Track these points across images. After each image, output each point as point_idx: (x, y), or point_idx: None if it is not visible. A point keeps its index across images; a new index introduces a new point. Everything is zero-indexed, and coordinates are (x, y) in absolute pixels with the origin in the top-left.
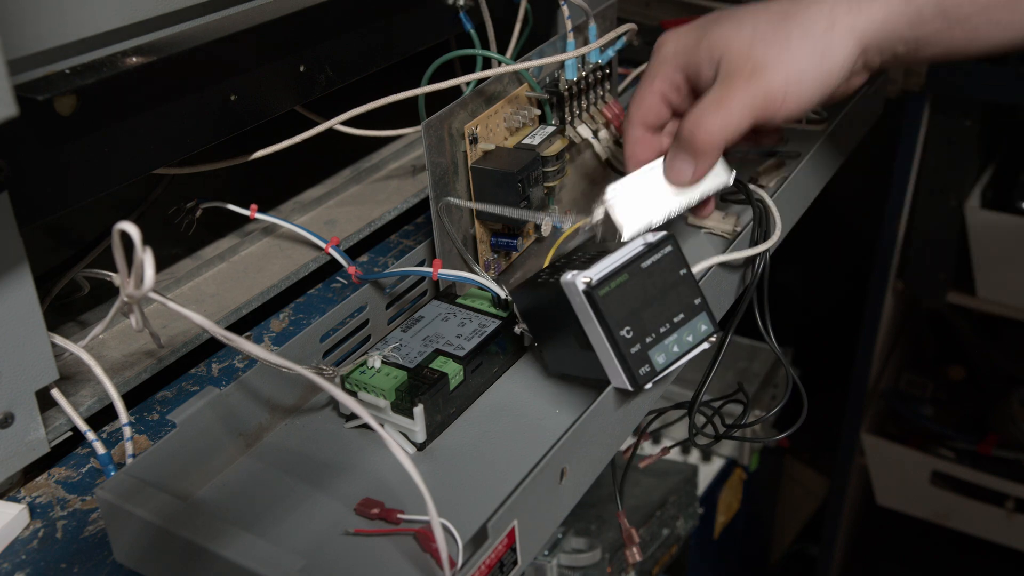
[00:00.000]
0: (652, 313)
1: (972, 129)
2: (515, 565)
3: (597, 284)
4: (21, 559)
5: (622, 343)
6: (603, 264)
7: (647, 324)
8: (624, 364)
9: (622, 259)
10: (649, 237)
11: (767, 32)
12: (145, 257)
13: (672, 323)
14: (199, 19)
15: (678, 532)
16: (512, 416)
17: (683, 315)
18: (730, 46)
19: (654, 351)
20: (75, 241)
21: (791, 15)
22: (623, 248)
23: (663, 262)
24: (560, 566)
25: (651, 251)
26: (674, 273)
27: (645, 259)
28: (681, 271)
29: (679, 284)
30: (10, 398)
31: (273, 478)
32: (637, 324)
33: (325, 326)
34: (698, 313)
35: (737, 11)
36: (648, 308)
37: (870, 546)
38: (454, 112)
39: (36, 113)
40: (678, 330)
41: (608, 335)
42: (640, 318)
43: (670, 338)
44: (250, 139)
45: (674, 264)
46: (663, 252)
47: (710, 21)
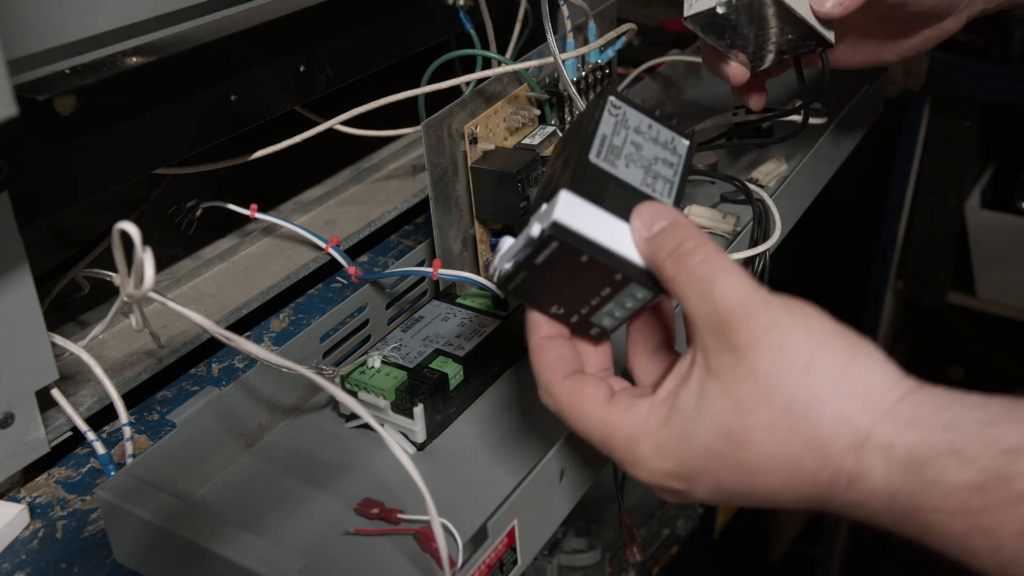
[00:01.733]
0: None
1: (972, 129)
2: (515, 565)
3: (502, 282)
4: (21, 559)
5: (559, 318)
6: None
7: (573, 302)
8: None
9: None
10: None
11: None
12: (145, 257)
13: (600, 297)
14: (199, 19)
15: (678, 532)
16: (512, 416)
17: (609, 289)
18: None
19: (596, 318)
20: (75, 241)
21: None
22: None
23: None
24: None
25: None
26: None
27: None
28: (582, 258)
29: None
30: (10, 398)
31: (273, 478)
32: (563, 303)
33: (325, 326)
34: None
35: None
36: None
37: (870, 546)
38: (454, 112)
39: (36, 113)
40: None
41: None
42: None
43: (606, 307)
44: (250, 139)
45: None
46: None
47: None
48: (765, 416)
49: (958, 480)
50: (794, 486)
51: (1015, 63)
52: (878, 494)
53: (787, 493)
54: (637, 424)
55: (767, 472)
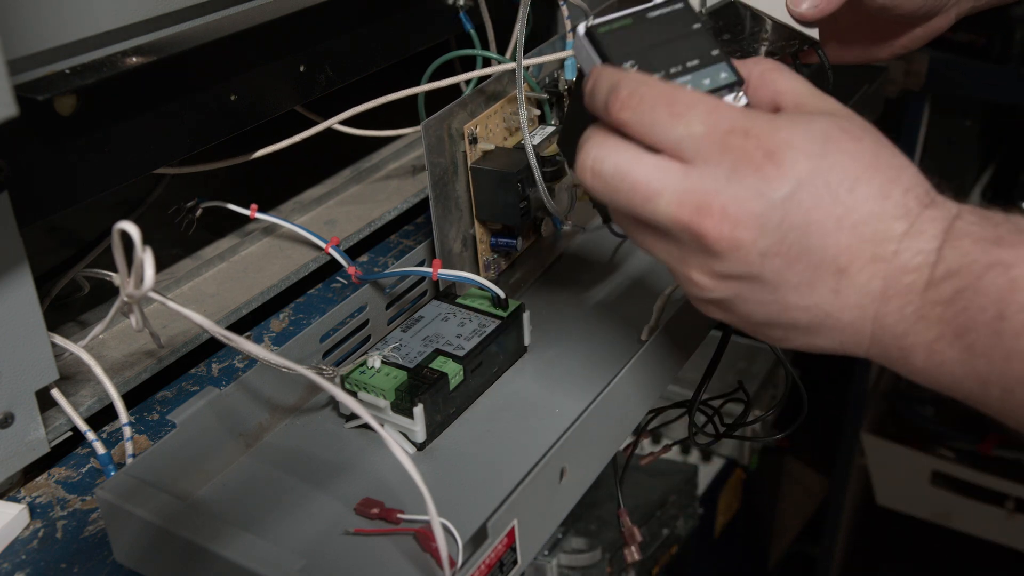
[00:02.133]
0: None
1: (972, 129)
2: (515, 565)
3: (597, 24)
4: (21, 559)
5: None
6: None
7: (654, 63)
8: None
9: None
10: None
11: None
12: (145, 257)
13: (685, 66)
14: (199, 19)
15: (678, 532)
16: (512, 416)
17: (698, 61)
18: None
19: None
20: (75, 241)
21: None
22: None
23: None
24: (560, 566)
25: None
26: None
27: (653, 11)
28: (694, 25)
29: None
30: (10, 398)
31: (273, 478)
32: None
33: (325, 326)
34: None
35: None
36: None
37: (870, 546)
38: (453, 112)
39: (36, 113)
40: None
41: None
42: (647, 56)
43: (683, 78)
44: (250, 139)
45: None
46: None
47: None
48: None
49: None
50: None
51: (1015, 63)
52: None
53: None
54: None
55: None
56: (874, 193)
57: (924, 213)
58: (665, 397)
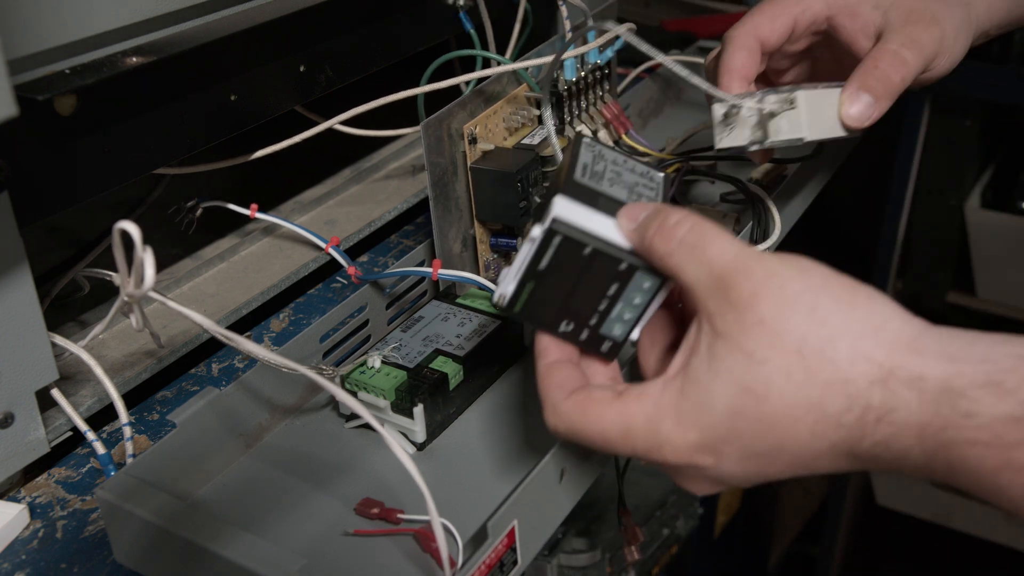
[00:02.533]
0: (581, 299)
1: (972, 129)
2: (515, 565)
3: (508, 304)
4: (21, 559)
5: (568, 337)
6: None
7: (582, 311)
8: (587, 351)
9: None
10: (535, 232)
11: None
12: (145, 257)
13: (608, 297)
14: (199, 19)
15: (678, 532)
16: (512, 416)
17: (617, 284)
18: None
19: (605, 328)
20: (75, 241)
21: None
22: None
23: (560, 253)
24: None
25: (543, 249)
26: (578, 257)
27: (540, 259)
28: (584, 251)
29: (591, 262)
30: (10, 398)
31: (273, 478)
32: (572, 315)
33: (325, 326)
34: (631, 276)
35: None
36: (574, 297)
37: (870, 546)
38: (453, 112)
39: (36, 113)
40: (619, 300)
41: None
42: (571, 309)
43: (615, 310)
44: (250, 139)
45: (573, 250)
46: (554, 245)
47: None
48: (779, 362)
49: (995, 412)
50: (821, 433)
51: (1015, 63)
52: (909, 427)
53: (815, 443)
54: (653, 404)
55: (792, 421)
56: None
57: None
58: None
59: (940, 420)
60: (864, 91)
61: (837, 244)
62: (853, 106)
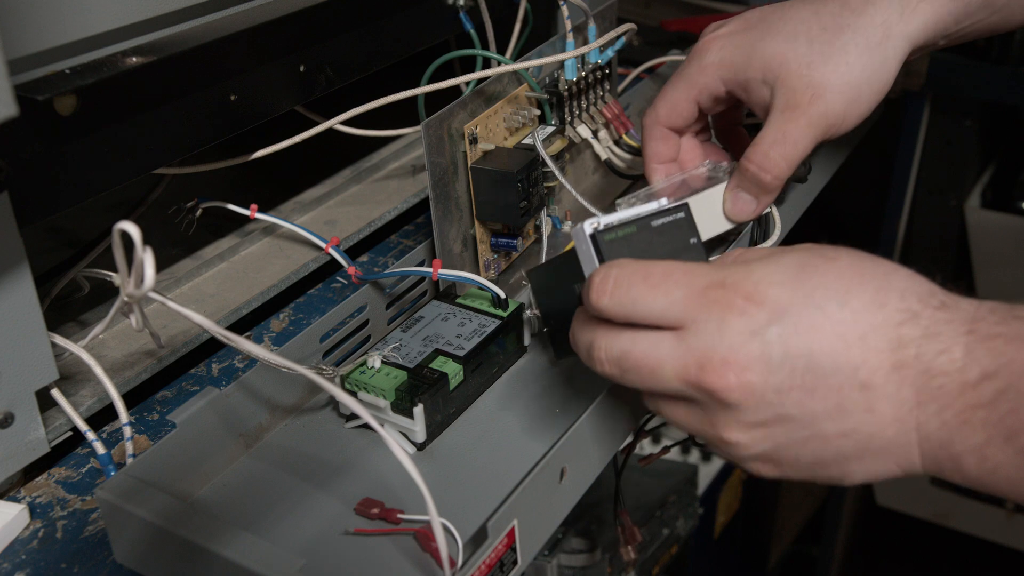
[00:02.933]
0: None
1: (972, 129)
2: (515, 565)
3: (604, 229)
4: (21, 559)
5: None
6: (615, 215)
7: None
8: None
9: (635, 214)
10: (664, 202)
11: (823, 48)
12: (145, 257)
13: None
14: (199, 19)
15: (678, 532)
16: (512, 416)
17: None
18: (787, 67)
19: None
20: (75, 241)
21: (845, 27)
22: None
23: (674, 226)
24: (560, 566)
25: (664, 213)
26: (683, 239)
27: (657, 219)
28: (691, 239)
29: (688, 251)
30: (10, 398)
31: (273, 478)
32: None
33: (325, 326)
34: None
35: (787, 20)
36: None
37: (870, 546)
38: (454, 112)
39: (36, 113)
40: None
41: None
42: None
43: None
44: (250, 139)
45: (685, 231)
46: (675, 216)
47: (759, 32)
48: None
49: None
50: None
51: (1015, 63)
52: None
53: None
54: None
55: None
56: (867, 303)
57: (936, 315)
58: None
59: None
60: (742, 191)
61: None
62: (735, 205)
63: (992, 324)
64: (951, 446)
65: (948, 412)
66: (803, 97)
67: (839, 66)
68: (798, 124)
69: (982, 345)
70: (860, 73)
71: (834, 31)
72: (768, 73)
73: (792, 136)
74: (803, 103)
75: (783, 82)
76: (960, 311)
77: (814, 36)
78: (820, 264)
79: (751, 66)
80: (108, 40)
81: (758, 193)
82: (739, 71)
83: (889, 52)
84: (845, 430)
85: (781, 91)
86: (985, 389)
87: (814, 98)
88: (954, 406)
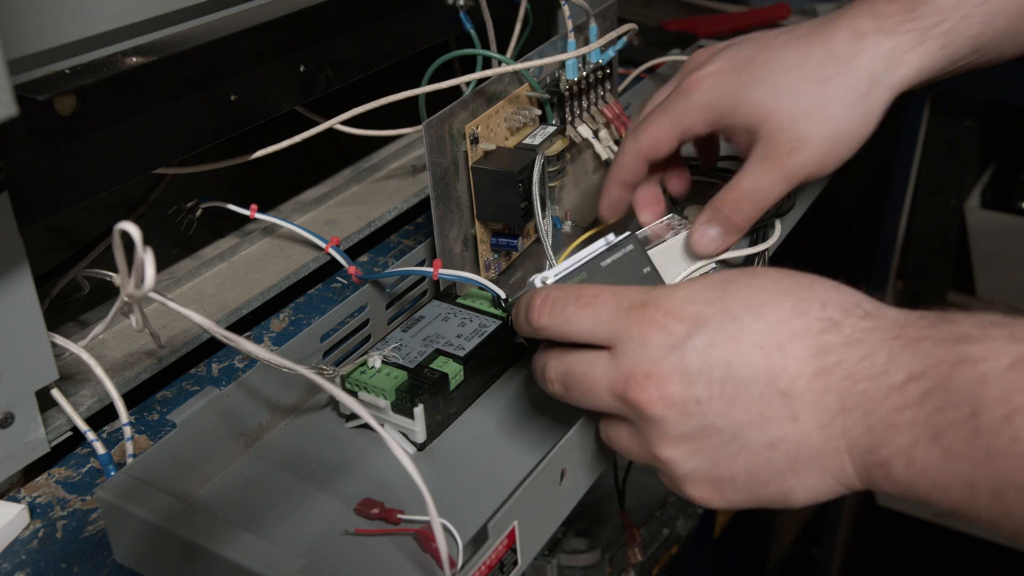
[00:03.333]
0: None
1: (972, 129)
2: (515, 565)
3: (554, 283)
4: (21, 559)
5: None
6: (564, 264)
7: None
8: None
9: (582, 259)
10: (611, 237)
11: (807, 102)
12: (145, 257)
13: None
14: (199, 19)
15: (678, 532)
16: (512, 416)
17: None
18: (769, 118)
19: None
20: (75, 241)
21: (830, 79)
22: (587, 248)
23: (624, 261)
24: (560, 566)
25: (612, 250)
26: (636, 272)
27: (605, 258)
28: (644, 269)
29: (642, 282)
30: (10, 398)
31: (273, 478)
32: None
33: (325, 326)
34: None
35: (773, 67)
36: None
37: (870, 546)
38: (455, 112)
39: (36, 113)
40: None
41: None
42: None
43: None
44: (250, 139)
45: (636, 263)
46: (624, 251)
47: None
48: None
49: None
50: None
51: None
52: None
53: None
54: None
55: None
56: (786, 314)
57: (860, 323)
58: None
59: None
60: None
61: (837, 244)
62: (701, 240)
63: (920, 328)
64: (878, 451)
65: (874, 416)
66: (783, 150)
67: (821, 121)
68: (773, 176)
69: (908, 349)
70: (843, 126)
71: (819, 83)
72: (752, 123)
73: (765, 185)
74: (782, 155)
75: (765, 133)
76: (886, 319)
77: (799, 88)
78: (741, 280)
79: (736, 113)
80: (108, 40)
81: (726, 232)
82: (724, 116)
83: (872, 104)
84: (772, 440)
85: (762, 142)
86: (911, 390)
87: (793, 151)
88: (879, 410)
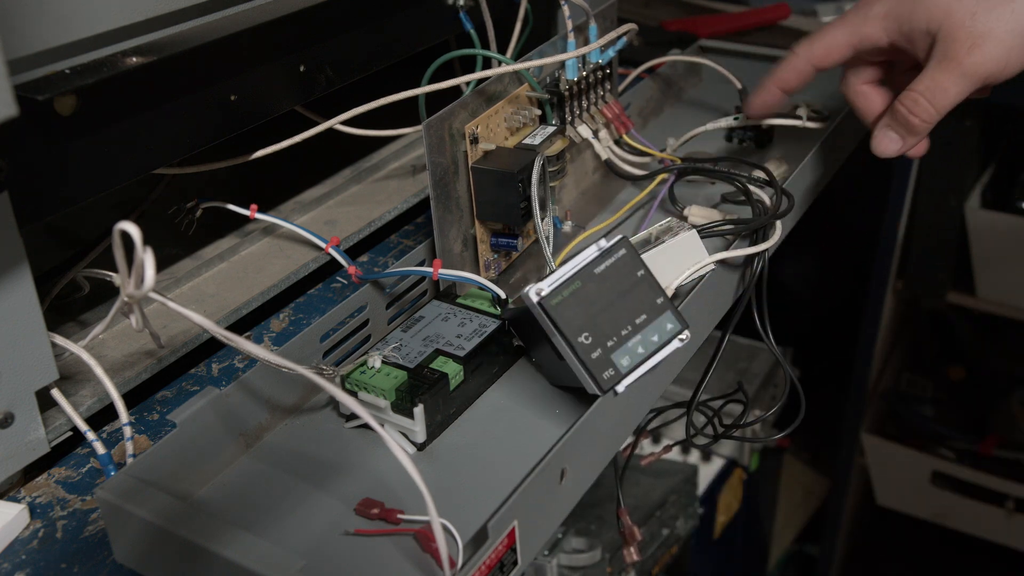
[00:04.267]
0: (611, 317)
1: (972, 129)
2: (515, 565)
3: (549, 294)
4: (21, 559)
5: (581, 349)
6: (557, 274)
7: (606, 328)
8: (587, 370)
9: (575, 267)
10: (602, 243)
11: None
12: (145, 257)
13: (634, 325)
14: (199, 19)
15: (678, 532)
16: (512, 416)
17: (645, 316)
18: (951, 17)
19: (617, 354)
20: (75, 241)
21: None
22: (578, 256)
23: (617, 266)
24: (560, 566)
25: (604, 256)
26: (630, 276)
27: (598, 264)
28: (638, 272)
29: (637, 286)
30: (10, 398)
31: (273, 478)
32: (595, 329)
33: (325, 326)
34: (662, 312)
35: None
36: (606, 312)
37: (870, 546)
38: (455, 112)
39: (36, 113)
40: (641, 331)
41: (567, 342)
42: (598, 323)
43: (633, 340)
44: (250, 139)
45: (630, 267)
46: (616, 256)
47: None
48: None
49: None
50: None
51: None
52: None
53: None
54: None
55: None
56: None
57: None
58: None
59: None
60: (890, 130)
61: (837, 244)
62: (881, 142)
63: None
64: None
65: None
66: (962, 48)
67: (1003, 14)
68: (952, 75)
69: None
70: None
71: None
72: (932, 23)
73: (944, 85)
74: (961, 54)
75: (945, 32)
76: None
77: None
78: None
79: (916, 16)
80: (108, 40)
81: (905, 134)
82: (903, 22)
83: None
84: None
85: (942, 41)
86: None
87: (972, 48)
88: None
